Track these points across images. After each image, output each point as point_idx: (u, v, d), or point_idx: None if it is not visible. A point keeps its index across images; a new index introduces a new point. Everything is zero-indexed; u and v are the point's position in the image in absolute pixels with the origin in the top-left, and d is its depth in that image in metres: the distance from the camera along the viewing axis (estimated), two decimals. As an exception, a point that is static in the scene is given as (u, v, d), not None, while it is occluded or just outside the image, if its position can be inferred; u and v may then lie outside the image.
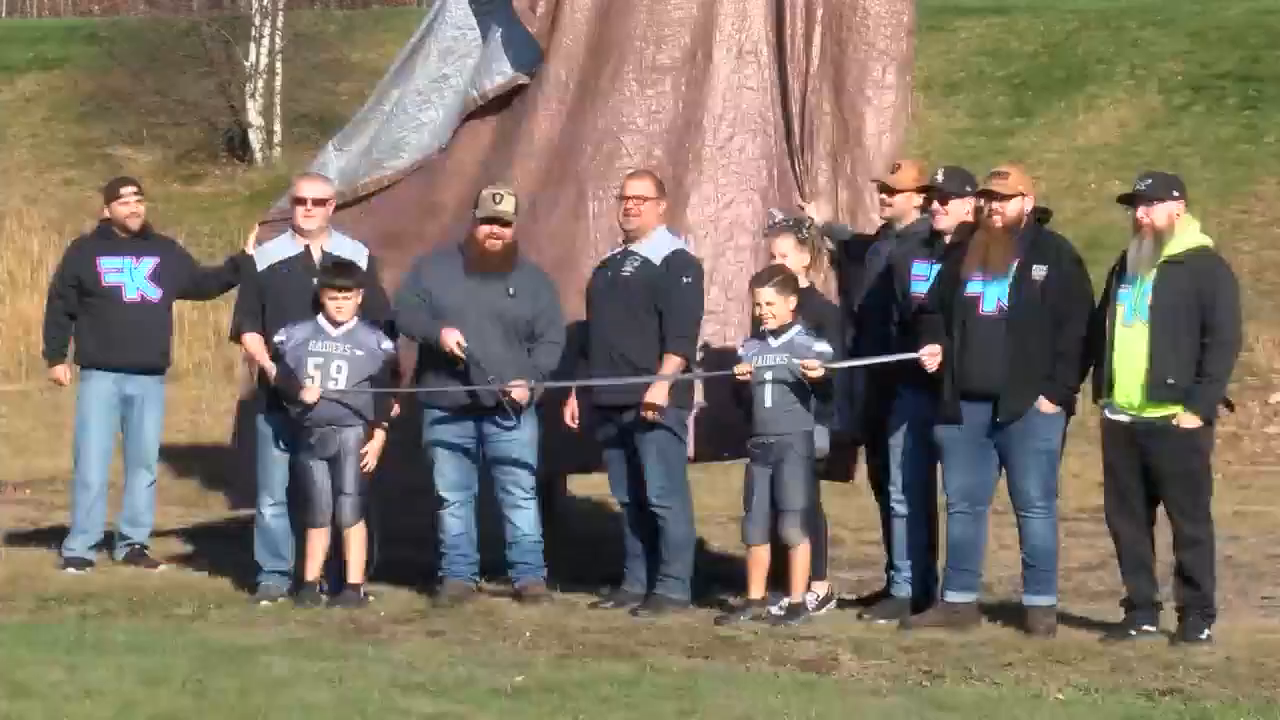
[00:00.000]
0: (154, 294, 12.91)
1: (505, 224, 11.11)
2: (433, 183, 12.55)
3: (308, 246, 11.70)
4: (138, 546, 12.88)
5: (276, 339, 11.30)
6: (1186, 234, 10.16)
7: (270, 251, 11.91)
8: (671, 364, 10.93)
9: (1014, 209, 10.37)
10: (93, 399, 12.83)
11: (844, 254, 11.82)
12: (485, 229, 11.11)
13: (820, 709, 8.36)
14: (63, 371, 13.07)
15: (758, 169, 12.14)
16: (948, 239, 10.77)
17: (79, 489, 12.89)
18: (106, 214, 13.05)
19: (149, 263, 12.91)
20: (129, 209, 12.99)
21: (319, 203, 11.79)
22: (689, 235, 11.70)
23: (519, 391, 10.99)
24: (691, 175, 12.06)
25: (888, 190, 11.27)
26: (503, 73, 12.31)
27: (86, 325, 12.90)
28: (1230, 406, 10.64)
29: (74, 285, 12.92)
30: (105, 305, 12.83)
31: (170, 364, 13.42)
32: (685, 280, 11.06)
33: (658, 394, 10.86)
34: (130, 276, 12.85)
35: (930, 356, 10.37)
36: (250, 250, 12.23)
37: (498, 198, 11.12)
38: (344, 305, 11.14)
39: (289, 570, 11.57)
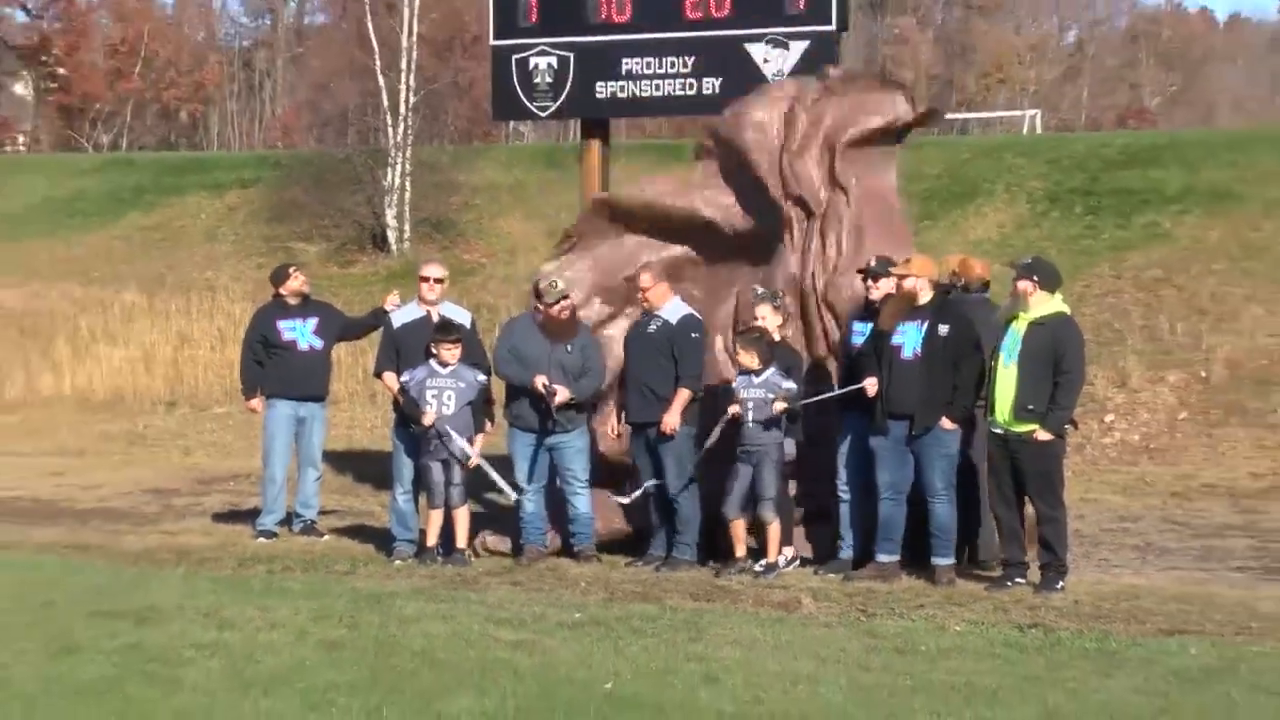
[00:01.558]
0: (318, 344, 12.94)
1: (565, 298, 11.19)
2: None
3: (428, 312, 11.79)
4: (309, 522, 12.89)
5: (403, 378, 11.36)
6: (1050, 304, 10.20)
7: (402, 315, 12.02)
8: (682, 395, 10.93)
9: (912, 284, 10.46)
10: (277, 420, 12.86)
11: None
12: (556, 308, 11.17)
13: (788, 637, 8.39)
14: (257, 403, 13.06)
15: None
16: (878, 305, 10.81)
17: (267, 483, 12.91)
18: (281, 290, 13.10)
19: (313, 321, 12.95)
20: (299, 282, 13.08)
21: (439, 281, 11.94)
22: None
23: (561, 395, 11.01)
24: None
25: None
26: None
27: (271, 369, 12.90)
28: (1075, 425, 10.65)
29: (261, 341, 12.95)
30: (284, 354, 12.85)
31: (329, 394, 13.46)
32: (693, 335, 11.09)
33: (673, 417, 10.91)
34: (300, 333, 12.89)
35: (871, 385, 10.39)
36: (388, 306, 12.33)
37: (554, 286, 11.19)
38: (451, 352, 11.22)
39: (414, 539, 11.58)
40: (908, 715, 6.83)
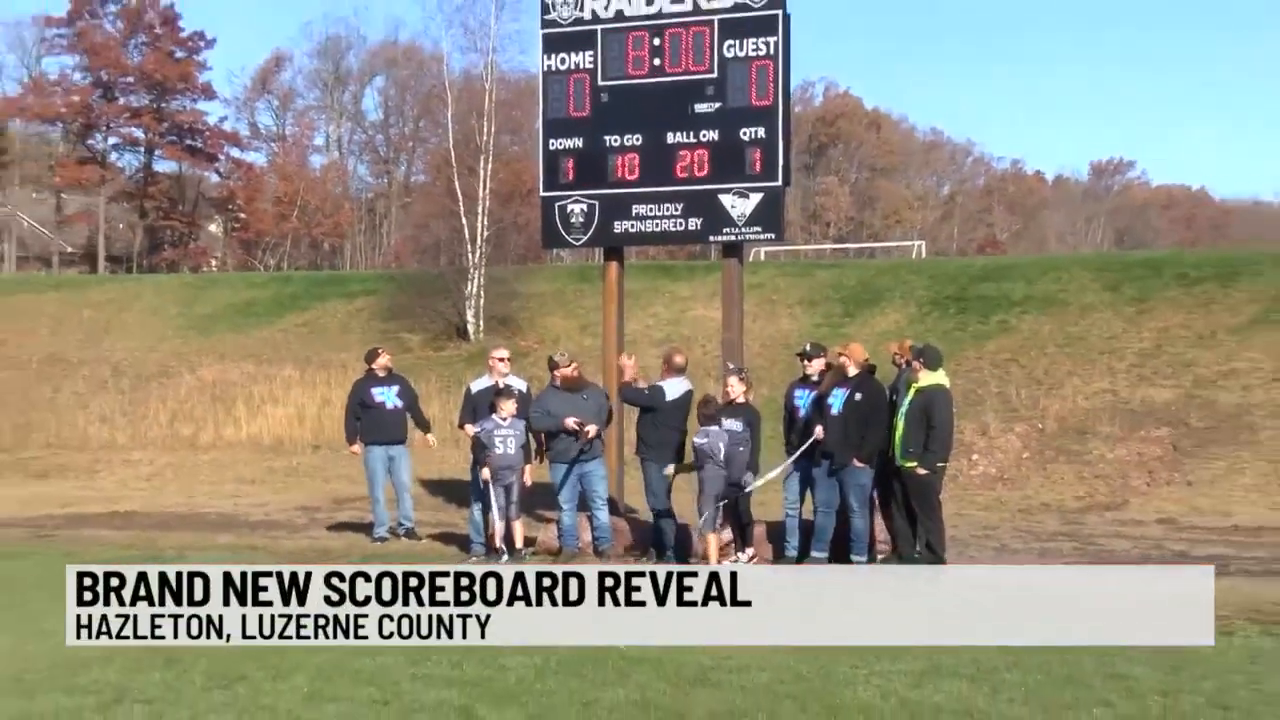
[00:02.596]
0: (399, 404, 12.95)
1: (571, 364, 11.43)
2: None
3: (496, 382, 11.81)
4: (410, 530, 12.85)
5: (475, 428, 11.35)
6: (932, 378, 10.26)
7: (477, 384, 12.07)
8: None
9: (843, 362, 10.57)
10: (374, 459, 12.83)
11: None
12: (566, 370, 11.34)
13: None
14: (357, 447, 13.01)
15: None
16: (815, 379, 10.81)
17: (374, 504, 12.87)
18: (372, 366, 13.08)
19: (395, 388, 12.98)
20: (385, 360, 13.12)
21: (503, 360, 11.97)
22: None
23: (592, 430, 11.08)
24: None
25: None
26: None
27: (367, 422, 12.87)
28: (945, 463, 10.45)
29: (359, 403, 12.93)
30: (376, 412, 12.84)
31: (407, 437, 13.16)
32: (646, 391, 11.13)
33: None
34: (387, 397, 12.90)
35: (819, 433, 10.42)
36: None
37: (565, 356, 11.52)
38: (509, 409, 11.17)
39: (485, 542, 11.51)
40: (833, 665, 6.79)
